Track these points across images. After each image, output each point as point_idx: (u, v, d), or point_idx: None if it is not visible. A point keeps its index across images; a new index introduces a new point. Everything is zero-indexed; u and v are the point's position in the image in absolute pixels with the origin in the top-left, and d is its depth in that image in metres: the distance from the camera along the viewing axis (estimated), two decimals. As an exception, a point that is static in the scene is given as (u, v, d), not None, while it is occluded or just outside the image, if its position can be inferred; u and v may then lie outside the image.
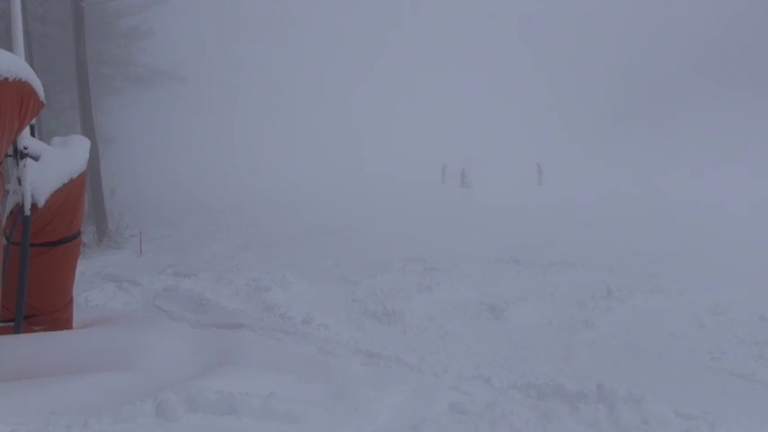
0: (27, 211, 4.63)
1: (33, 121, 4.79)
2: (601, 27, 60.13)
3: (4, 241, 4.50)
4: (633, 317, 7.36)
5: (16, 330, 4.69)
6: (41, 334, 4.79)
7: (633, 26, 59.30)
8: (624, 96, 56.18)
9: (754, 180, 26.80)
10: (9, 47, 4.66)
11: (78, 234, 5.28)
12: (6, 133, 3.99)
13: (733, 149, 37.62)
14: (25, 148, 4.72)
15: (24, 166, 4.67)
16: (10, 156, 4.69)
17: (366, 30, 62.82)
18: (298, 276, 9.68)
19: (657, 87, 55.58)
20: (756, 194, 21.95)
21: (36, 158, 4.76)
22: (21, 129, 4.45)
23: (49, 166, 4.80)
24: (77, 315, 5.42)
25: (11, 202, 4.71)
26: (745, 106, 45.15)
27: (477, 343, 6.46)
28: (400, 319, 7.28)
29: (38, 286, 4.85)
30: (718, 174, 30.46)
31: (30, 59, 12.21)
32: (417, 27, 63.88)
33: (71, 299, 5.31)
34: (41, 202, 4.68)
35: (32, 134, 4.91)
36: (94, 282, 10.18)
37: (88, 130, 16.40)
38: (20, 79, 4.03)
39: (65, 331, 5.02)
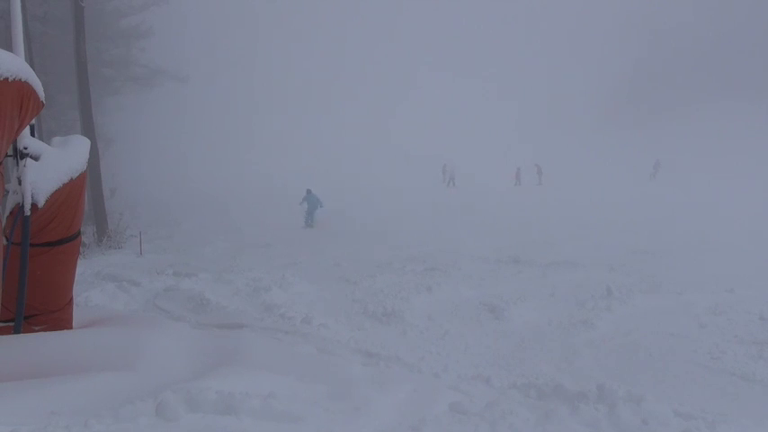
0: (27, 211, 4.63)
1: (33, 121, 4.79)
2: (600, 26, 60.15)
3: (4, 241, 4.50)
4: (633, 317, 7.36)
5: (16, 330, 4.69)
6: (41, 334, 4.79)
7: (632, 25, 59.31)
8: (623, 96, 56.20)
9: (750, 180, 26.79)
10: (9, 47, 4.66)
11: (78, 234, 5.27)
12: (6, 133, 3.99)
13: (731, 149, 37.61)
14: (25, 148, 4.72)
15: (24, 166, 4.67)
16: (10, 156, 4.69)
17: (365, 27, 62.81)
18: (298, 276, 9.69)
19: (656, 87, 55.60)
20: (754, 194, 21.96)
21: (36, 158, 4.76)
22: (21, 129, 4.45)
23: (49, 166, 4.80)
24: (77, 315, 5.41)
25: (11, 202, 4.71)
26: (744, 107, 45.18)
27: (477, 343, 6.46)
28: (400, 318, 7.28)
29: (38, 286, 4.85)
30: (715, 174, 30.45)
31: (30, 59, 12.23)
32: (417, 27, 63.85)
33: (71, 299, 5.31)
34: (41, 202, 4.68)
35: (32, 134, 4.91)
36: (94, 282, 10.18)
37: (88, 130, 16.38)
38: (20, 79, 4.03)
39: (65, 331, 5.01)
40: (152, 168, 38.53)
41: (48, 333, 4.83)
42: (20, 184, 4.65)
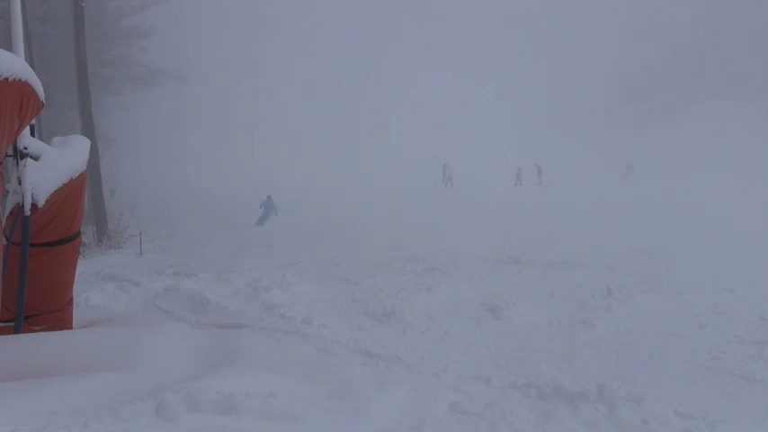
0: (27, 211, 4.63)
1: (33, 121, 4.80)
2: (600, 26, 60.16)
3: (5, 241, 4.51)
4: (633, 317, 7.35)
5: (16, 330, 4.69)
6: (41, 334, 4.80)
7: (632, 25, 59.31)
8: (623, 96, 56.20)
9: (750, 180, 26.80)
10: (9, 47, 4.67)
11: (78, 234, 5.28)
12: (6, 133, 3.99)
13: (731, 149, 37.63)
14: (25, 148, 4.73)
15: (24, 166, 4.67)
16: (10, 156, 4.69)
17: (365, 27, 62.81)
18: (298, 276, 9.68)
19: (656, 87, 55.62)
20: (754, 194, 21.96)
21: (36, 158, 4.77)
22: (21, 129, 4.46)
23: (49, 166, 4.81)
24: (77, 315, 5.42)
25: (11, 202, 4.72)
26: (744, 107, 45.19)
27: (477, 343, 6.45)
28: (400, 318, 7.28)
29: (38, 286, 4.85)
30: (713, 174, 30.46)
31: (30, 59, 12.22)
32: (417, 27, 63.83)
33: (71, 299, 5.31)
34: (41, 202, 4.68)
35: (32, 134, 4.91)
36: (94, 282, 10.18)
37: (88, 130, 16.39)
38: (20, 79, 4.04)
39: (65, 331, 5.02)
40: (152, 168, 38.56)
41: (48, 333, 4.84)
42: (20, 184, 4.65)
